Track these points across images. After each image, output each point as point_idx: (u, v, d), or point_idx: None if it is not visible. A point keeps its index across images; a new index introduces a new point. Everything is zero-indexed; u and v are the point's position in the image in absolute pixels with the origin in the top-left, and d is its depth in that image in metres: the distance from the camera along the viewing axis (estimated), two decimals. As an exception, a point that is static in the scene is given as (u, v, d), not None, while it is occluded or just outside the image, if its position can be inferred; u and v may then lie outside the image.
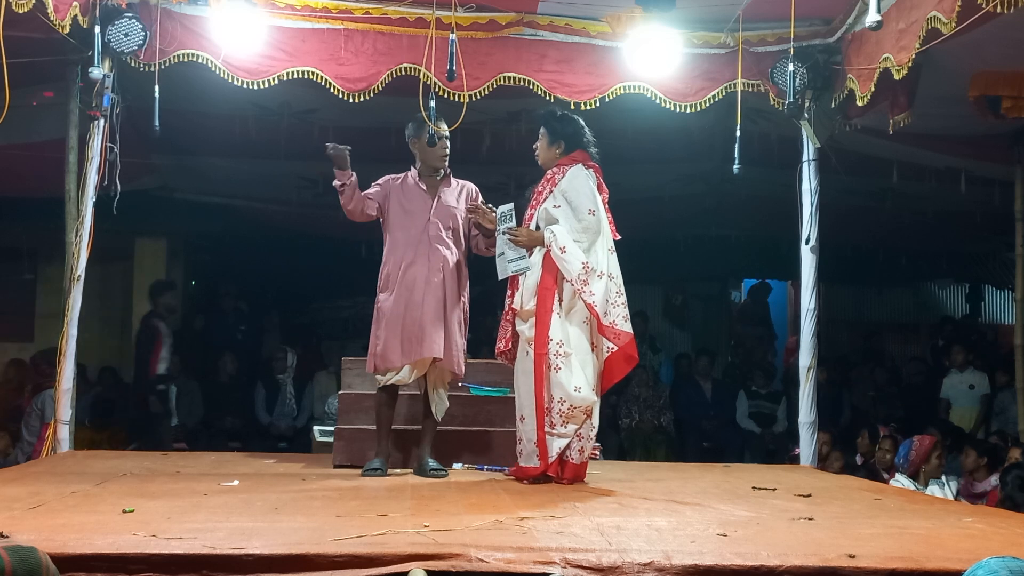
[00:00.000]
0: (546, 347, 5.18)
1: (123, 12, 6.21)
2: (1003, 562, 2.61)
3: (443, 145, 5.70)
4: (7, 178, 8.35)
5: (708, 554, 3.38)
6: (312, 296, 12.24)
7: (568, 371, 5.19)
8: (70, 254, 6.31)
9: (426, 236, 5.58)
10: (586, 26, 6.67)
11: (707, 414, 10.25)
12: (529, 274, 5.31)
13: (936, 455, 6.98)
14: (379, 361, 5.56)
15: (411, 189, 5.68)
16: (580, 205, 5.29)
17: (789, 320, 12.82)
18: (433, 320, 5.49)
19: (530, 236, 5.33)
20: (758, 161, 7.49)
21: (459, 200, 5.72)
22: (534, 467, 5.28)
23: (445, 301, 5.54)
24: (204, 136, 8.37)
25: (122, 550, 3.24)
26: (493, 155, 8.12)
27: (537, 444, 5.24)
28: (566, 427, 5.22)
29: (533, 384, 5.23)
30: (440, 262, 5.56)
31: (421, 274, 5.53)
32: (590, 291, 5.18)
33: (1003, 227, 8.30)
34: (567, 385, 5.18)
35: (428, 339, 5.47)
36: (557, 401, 5.19)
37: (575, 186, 5.33)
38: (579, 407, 5.21)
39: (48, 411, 8.51)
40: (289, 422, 9.96)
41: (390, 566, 3.22)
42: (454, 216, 5.67)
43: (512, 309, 5.40)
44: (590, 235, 5.27)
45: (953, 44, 5.28)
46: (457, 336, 5.59)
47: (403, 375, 5.55)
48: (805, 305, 6.88)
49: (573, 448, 5.28)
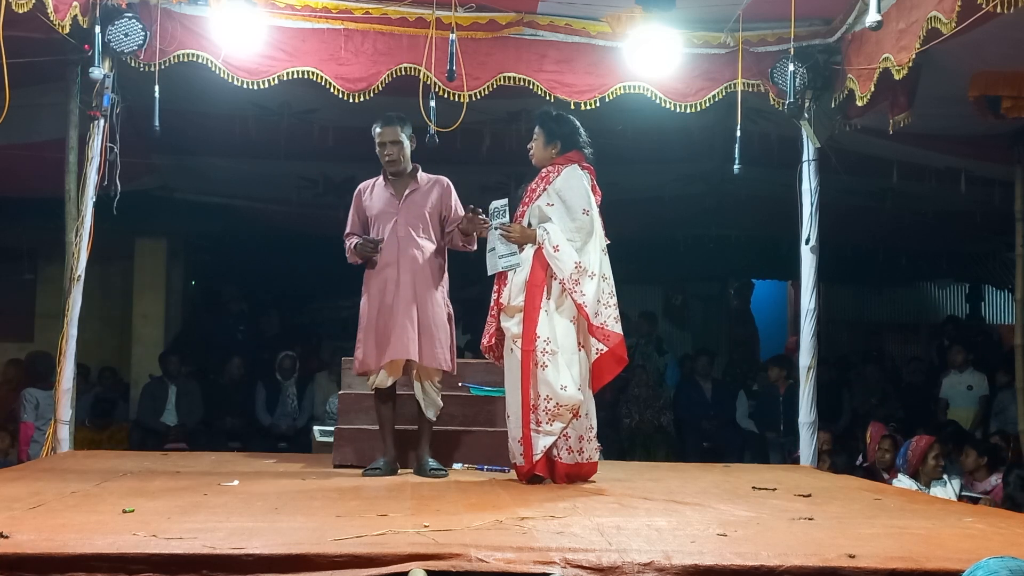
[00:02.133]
0: (533, 344, 5.18)
1: (123, 12, 6.21)
2: (1003, 562, 2.61)
3: (385, 151, 5.59)
4: (7, 178, 8.35)
5: (708, 554, 3.38)
6: (312, 296, 12.24)
7: (555, 369, 5.17)
8: (70, 254, 6.31)
9: (395, 237, 5.56)
10: (586, 26, 6.67)
11: (707, 414, 10.25)
12: (518, 270, 5.31)
13: (933, 455, 6.97)
14: (359, 365, 5.64)
15: (379, 193, 5.67)
16: (575, 204, 5.28)
17: (789, 320, 12.83)
18: (402, 322, 5.47)
19: (523, 232, 5.31)
20: (758, 161, 7.49)
21: (428, 196, 5.65)
22: (520, 465, 5.28)
23: (417, 300, 5.51)
24: (204, 136, 8.37)
25: (122, 550, 3.23)
26: (493, 155, 8.12)
27: (522, 442, 5.23)
28: (552, 425, 5.20)
29: (520, 381, 5.22)
30: (409, 262, 5.53)
31: (391, 276, 5.53)
32: (581, 291, 5.17)
33: (1003, 227, 8.29)
34: (553, 383, 5.16)
35: (397, 341, 5.46)
36: (543, 399, 5.18)
37: (571, 185, 5.32)
38: (565, 405, 5.19)
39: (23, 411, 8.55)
40: (289, 422, 9.96)
41: (390, 566, 3.22)
42: (423, 214, 5.62)
43: (498, 304, 5.38)
44: (583, 235, 5.26)
45: (953, 44, 5.28)
46: (438, 332, 5.53)
47: (381, 378, 5.57)
48: (805, 305, 6.88)
49: (560, 447, 5.26)
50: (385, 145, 5.60)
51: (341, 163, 8.88)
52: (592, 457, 5.40)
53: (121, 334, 10.88)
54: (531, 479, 5.28)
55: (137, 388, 10.22)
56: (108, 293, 10.63)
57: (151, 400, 9.71)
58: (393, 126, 5.61)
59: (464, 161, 7.51)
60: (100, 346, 10.40)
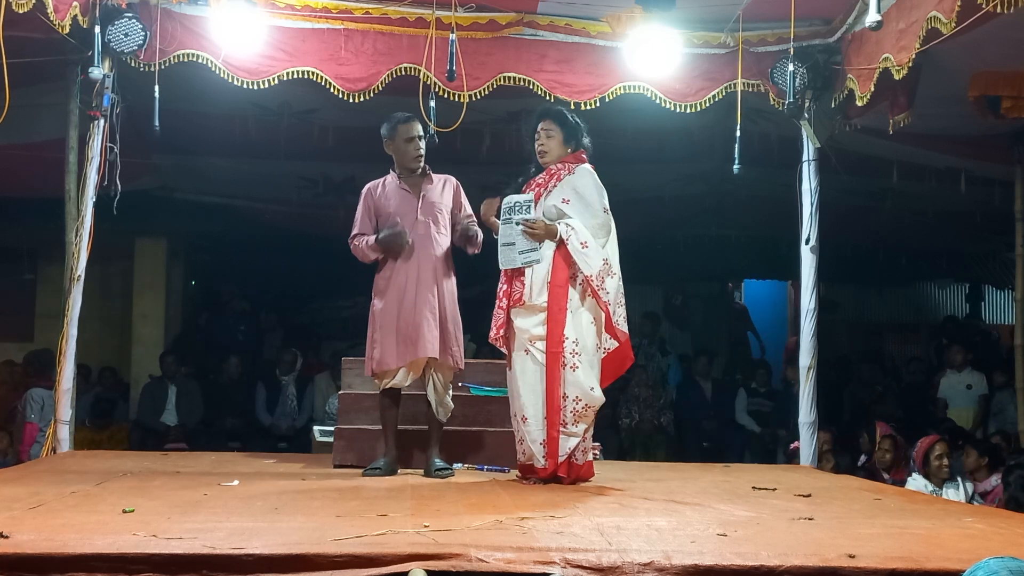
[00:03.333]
0: (561, 346, 5.14)
1: (123, 12, 6.20)
2: (1003, 562, 2.61)
3: (416, 145, 5.64)
4: (7, 178, 8.36)
5: (708, 554, 3.38)
6: (312, 296, 12.24)
7: (584, 370, 5.17)
8: (70, 254, 6.31)
9: (415, 235, 5.56)
10: (586, 26, 6.67)
11: (707, 414, 10.25)
12: (538, 267, 5.26)
13: (935, 455, 6.96)
14: (375, 365, 5.57)
15: (394, 192, 5.66)
16: (595, 202, 5.28)
17: (789, 320, 12.84)
18: (428, 319, 5.48)
19: (547, 229, 5.25)
20: (758, 161, 7.49)
21: (442, 195, 5.69)
22: (542, 468, 5.23)
23: (440, 298, 5.54)
24: (204, 136, 8.37)
25: (122, 550, 3.23)
26: (493, 155, 8.12)
27: (546, 443, 5.19)
28: (577, 426, 5.19)
29: (544, 383, 5.18)
30: (431, 260, 5.55)
31: (412, 274, 5.53)
32: (605, 289, 5.19)
33: (1003, 227, 8.30)
34: (584, 384, 5.16)
35: (423, 339, 5.46)
36: (572, 400, 5.16)
37: (588, 183, 5.31)
38: (593, 407, 5.21)
39: (28, 411, 8.54)
40: (289, 422, 9.96)
41: (390, 566, 3.22)
42: (440, 211, 5.65)
43: (509, 296, 5.31)
44: (605, 231, 5.27)
45: (953, 44, 5.28)
46: (454, 331, 5.58)
47: (399, 378, 5.55)
48: (805, 305, 6.88)
49: (579, 448, 5.27)
50: (415, 140, 5.64)
51: (341, 163, 8.89)
52: (591, 457, 5.43)
53: (121, 334, 10.88)
54: (545, 479, 5.24)
55: (137, 388, 10.22)
56: (108, 293, 10.64)
57: (151, 400, 9.71)
58: (418, 123, 5.68)
59: (464, 161, 7.50)
60: (100, 346, 10.40)
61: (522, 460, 5.38)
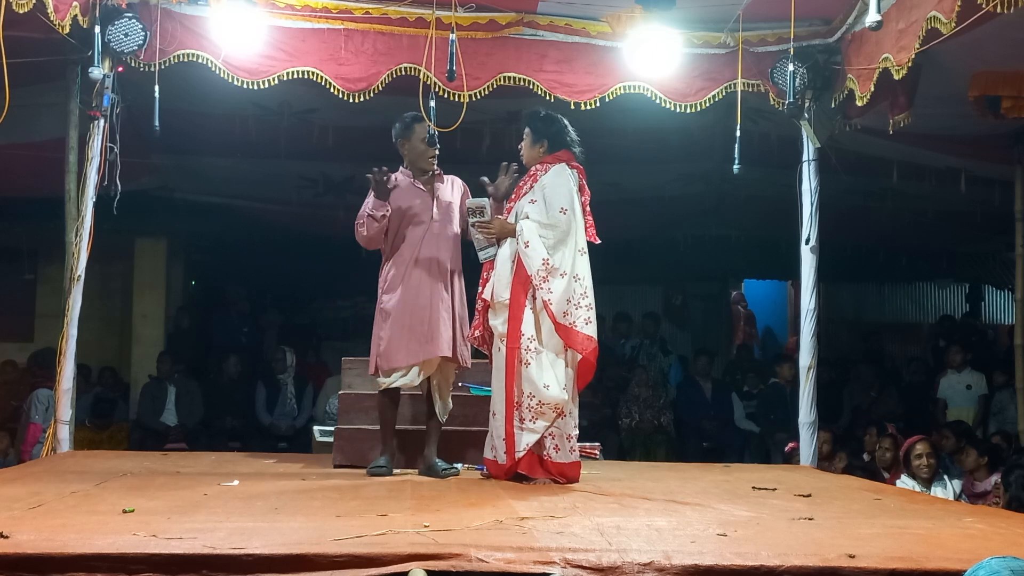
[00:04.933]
0: (518, 341, 5.21)
1: (123, 12, 6.20)
2: (1004, 562, 2.61)
3: (432, 144, 5.66)
4: (7, 178, 8.36)
5: (708, 554, 3.38)
6: (312, 296, 12.24)
7: (538, 367, 5.20)
8: (70, 254, 6.31)
9: (431, 235, 5.58)
10: (586, 26, 6.67)
11: (707, 414, 10.25)
12: (503, 266, 5.34)
13: (914, 455, 6.93)
14: (383, 362, 5.53)
15: (408, 189, 5.65)
16: (554, 202, 5.31)
17: (789, 320, 12.84)
18: (444, 318, 5.51)
19: (502, 227, 5.37)
20: (758, 161, 7.49)
21: (454, 194, 5.73)
22: (501, 463, 5.28)
23: (452, 297, 5.57)
24: (204, 136, 8.37)
25: (122, 550, 3.23)
26: (493, 155, 8.09)
27: (505, 439, 5.24)
28: (535, 423, 5.21)
29: (504, 378, 5.25)
30: (446, 260, 5.59)
31: (426, 273, 5.54)
32: (548, 288, 5.19)
33: (1003, 227, 8.30)
34: (536, 381, 5.19)
35: (440, 338, 5.48)
36: (527, 396, 5.20)
37: (554, 183, 5.36)
38: (548, 404, 5.20)
39: (33, 411, 8.54)
40: (289, 422, 9.96)
41: (390, 566, 3.22)
42: (454, 211, 5.69)
43: (482, 299, 5.44)
44: (557, 233, 5.27)
45: (953, 44, 5.28)
46: (463, 330, 5.61)
47: (410, 377, 5.52)
48: (805, 305, 6.88)
49: (547, 445, 5.27)
50: (431, 139, 5.65)
51: (341, 163, 8.89)
52: (577, 457, 5.42)
53: (121, 334, 10.89)
54: (514, 478, 5.28)
55: (137, 388, 10.22)
56: (108, 293, 10.64)
57: (151, 400, 9.72)
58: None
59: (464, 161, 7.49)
60: (100, 346, 10.39)
61: (488, 456, 5.42)
